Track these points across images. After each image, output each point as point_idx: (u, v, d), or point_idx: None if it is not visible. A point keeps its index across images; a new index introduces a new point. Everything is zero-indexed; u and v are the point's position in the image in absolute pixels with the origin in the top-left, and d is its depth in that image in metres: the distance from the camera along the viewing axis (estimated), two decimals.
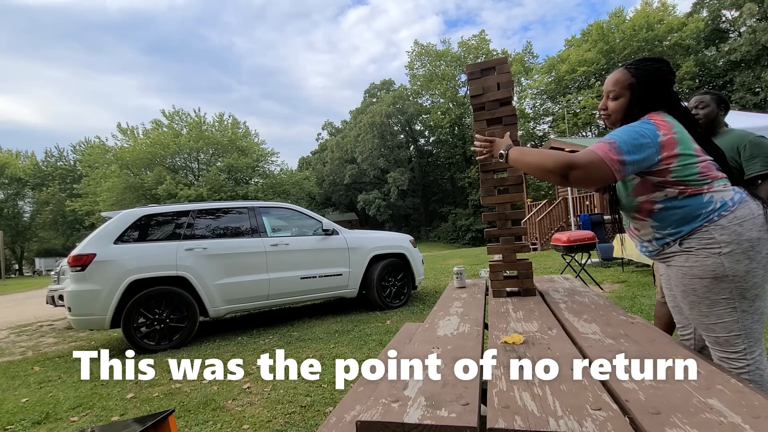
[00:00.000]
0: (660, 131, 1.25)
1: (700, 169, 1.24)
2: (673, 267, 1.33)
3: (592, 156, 1.22)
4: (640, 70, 1.37)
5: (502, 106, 1.86)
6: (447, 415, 0.73)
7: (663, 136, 1.25)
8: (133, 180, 26.52)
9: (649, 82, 1.35)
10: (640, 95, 1.36)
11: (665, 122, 1.28)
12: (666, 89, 1.36)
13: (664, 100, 1.35)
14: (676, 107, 1.35)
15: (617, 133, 1.26)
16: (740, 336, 1.22)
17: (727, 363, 1.25)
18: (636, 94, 1.36)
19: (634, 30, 28.75)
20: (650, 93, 1.35)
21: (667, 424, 0.67)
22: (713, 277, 1.22)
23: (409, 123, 40.54)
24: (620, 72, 1.42)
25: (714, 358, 1.31)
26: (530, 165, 1.37)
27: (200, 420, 2.35)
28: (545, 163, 1.29)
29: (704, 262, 1.23)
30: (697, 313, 1.29)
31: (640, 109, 1.35)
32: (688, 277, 1.27)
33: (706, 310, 1.26)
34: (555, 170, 1.25)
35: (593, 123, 31.07)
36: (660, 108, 1.34)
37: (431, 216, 39.70)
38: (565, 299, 1.69)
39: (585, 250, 5.55)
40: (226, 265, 4.40)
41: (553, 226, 13.76)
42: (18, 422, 2.53)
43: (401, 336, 2.09)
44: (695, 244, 1.25)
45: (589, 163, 1.22)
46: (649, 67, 1.37)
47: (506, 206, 1.87)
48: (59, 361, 4.07)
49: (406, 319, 4.50)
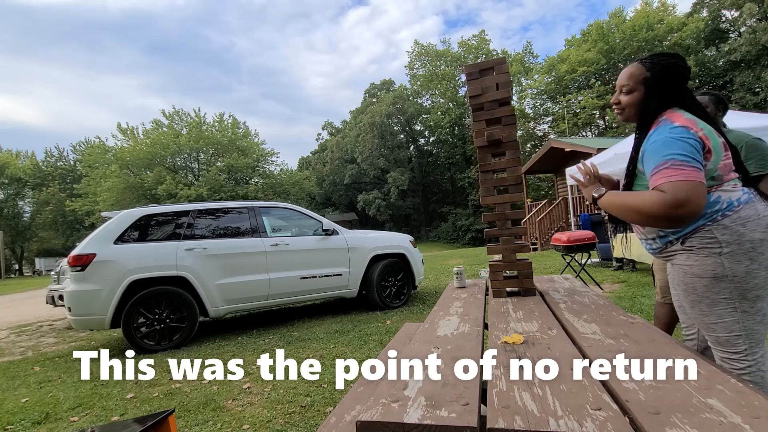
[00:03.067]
0: (692, 130, 1.22)
1: (719, 167, 1.23)
2: (675, 265, 1.33)
3: (684, 186, 1.15)
4: (655, 64, 1.34)
5: (501, 106, 1.85)
6: (447, 415, 0.73)
7: (697, 134, 1.22)
8: (133, 180, 26.52)
9: (664, 77, 1.33)
10: (655, 90, 1.34)
11: (689, 120, 1.25)
12: (681, 85, 1.34)
13: (679, 96, 1.33)
14: (690, 103, 1.33)
15: (669, 151, 1.20)
16: (741, 336, 1.22)
17: (728, 363, 1.25)
18: (651, 88, 1.34)
19: (634, 30, 28.76)
20: (665, 88, 1.33)
21: (667, 424, 0.67)
22: (713, 277, 1.22)
23: (409, 123, 40.54)
24: (635, 66, 1.39)
25: (716, 358, 1.31)
26: (625, 210, 1.31)
27: (200, 420, 2.34)
28: (643, 207, 1.22)
29: (704, 262, 1.23)
30: (698, 313, 1.29)
31: (656, 105, 1.33)
32: (689, 276, 1.27)
33: (706, 309, 1.26)
34: (660, 215, 1.18)
35: (593, 123, 31.10)
36: (674, 104, 1.32)
37: (431, 216, 39.69)
38: (565, 299, 1.69)
39: (585, 250, 5.55)
40: (226, 265, 4.40)
41: (553, 226, 13.76)
42: (18, 422, 2.53)
43: (401, 336, 2.09)
44: (696, 243, 1.24)
45: (690, 193, 1.14)
46: (665, 62, 1.34)
47: (506, 206, 1.87)
48: (59, 361, 4.06)
49: (406, 319, 4.49)
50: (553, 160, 15.36)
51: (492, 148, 1.88)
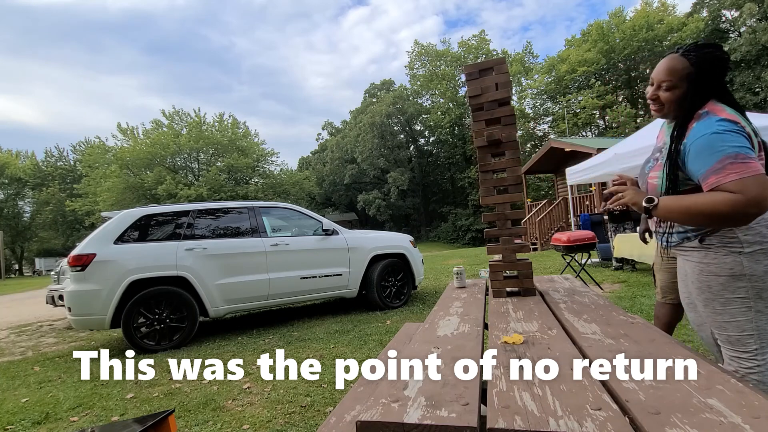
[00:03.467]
0: (739, 124, 1.18)
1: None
2: (690, 262, 1.31)
3: (755, 182, 1.09)
4: (700, 57, 1.25)
5: (501, 107, 1.85)
6: (447, 415, 0.73)
7: (744, 129, 1.18)
8: (133, 180, 26.52)
9: (709, 72, 1.24)
10: (700, 86, 1.25)
11: (732, 115, 1.20)
12: (723, 78, 1.27)
13: (719, 89, 1.26)
14: (728, 96, 1.27)
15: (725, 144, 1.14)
16: (753, 336, 1.22)
17: (737, 362, 1.25)
18: (694, 84, 1.25)
19: (634, 30, 28.77)
20: (709, 82, 1.25)
21: (667, 424, 0.67)
22: (730, 275, 1.21)
23: (409, 123, 40.54)
24: (676, 59, 1.28)
25: (725, 357, 1.30)
26: (693, 216, 1.21)
27: (200, 420, 2.34)
28: (714, 211, 1.14)
29: (723, 260, 1.22)
30: (710, 311, 1.28)
31: (699, 101, 1.25)
32: (705, 273, 1.26)
33: (719, 308, 1.25)
34: (735, 216, 1.11)
35: (593, 123, 31.09)
36: (714, 96, 1.26)
37: (431, 216, 39.69)
38: (565, 299, 1.69)
39: (585, 250, 5.55)
40: (226, 265, 4.40)
41: (553, 226, 13.76)
42: (18, 422, 2.53)
43: (401, 336, 2.09)
44: (716, 241, 1.23)
45: (761, 189, 1.09)
46: (709, 55, 1.25)
47: (506, 206, 1.87)
48: (59, 361, 4.06)
49: (406, 319, 4.49)
50: (553, 160, 15.37)
51: (492, 148, 1.88)
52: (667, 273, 2.29)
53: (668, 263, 2.29)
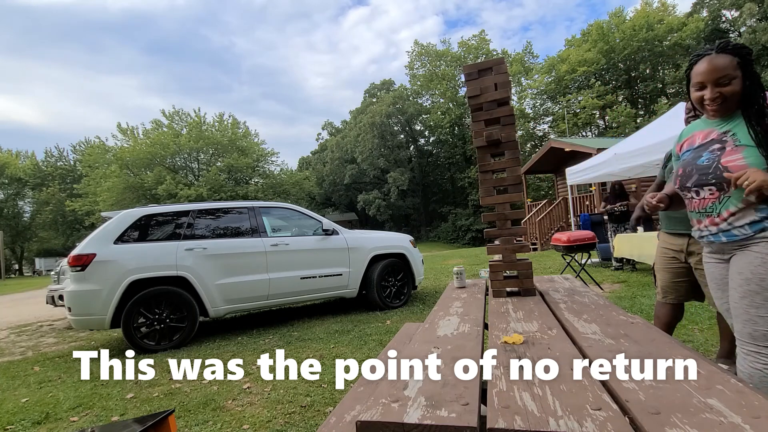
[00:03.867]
0: None
1: None
2: (751, 252, 1.28)
3: None
4: (736, 48, 1.33)
5: (500, 107, 1.86)
6: (447, 415, 0.73)
7: None
8: (133, 180, 26.52)
9: (749, 57, 1.33)
10: (750, 71, 1.32)
11: None
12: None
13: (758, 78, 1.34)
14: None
15: None
16: None
17: (753, 356, 1.25)
18: (747, 71, 1.33)
19: (634, 30, 28.77)
20: (753, 66, 1.33)
21: (667, 424, 0.67)
22: None
23: (409, 123, 40.52)
24: (718, 57, 1.34)
25: (739, 351, 1.30)
26: None
27: (200, 420, 2.34)
28: None
29: None
30: (747, 302, 1.27)
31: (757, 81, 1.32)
32: (765, 266, 1.25)
33: (760, 301, 1.25)
34: None
35: (593, 123, 31.09)
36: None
37: (431, 216, 39.69)
38: (565, 299, 1.69)
39: (585, 250, 5.55)
40: (226, 265, 4.40)
41: (553, 226, 13.76)
42: (18, 422, 2.53)
43: (401, 336, 2.09)
44: None
45: None
46: (739, 46, 1.34)
47: (506, 206, 1.87)
48: (59, 361, 4.06)
49: (406, 319, 4.49)
50: (553, 160, 15.37)
51: (491, 148, 1.88)
52: (668, 273, 2.30)
53: (669, 263, 2.29)
